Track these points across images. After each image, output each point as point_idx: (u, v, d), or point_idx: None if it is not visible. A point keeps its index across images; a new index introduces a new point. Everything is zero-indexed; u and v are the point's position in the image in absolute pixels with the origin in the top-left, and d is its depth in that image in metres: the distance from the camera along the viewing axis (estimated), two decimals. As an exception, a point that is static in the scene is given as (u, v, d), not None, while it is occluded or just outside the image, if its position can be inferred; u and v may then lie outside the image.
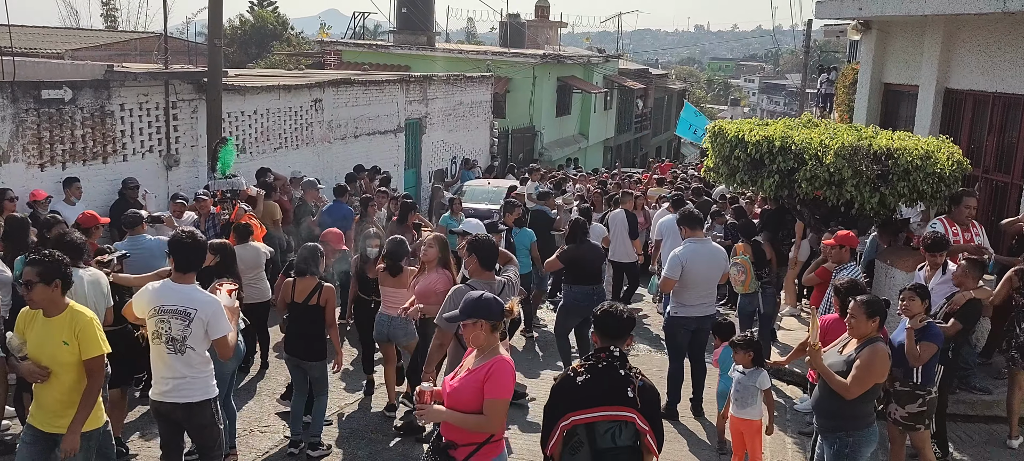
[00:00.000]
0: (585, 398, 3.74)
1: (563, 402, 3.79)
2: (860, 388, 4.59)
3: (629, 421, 3.72)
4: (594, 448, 3.73)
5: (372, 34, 37.23)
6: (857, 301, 4.76)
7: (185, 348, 4.36)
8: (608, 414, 3.72)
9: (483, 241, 5.48)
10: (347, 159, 14.55)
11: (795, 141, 8.08)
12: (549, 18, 33.85)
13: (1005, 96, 8.98)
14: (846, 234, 7.04)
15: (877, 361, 4.61)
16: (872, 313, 4.69)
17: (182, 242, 4.46)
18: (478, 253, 5.39)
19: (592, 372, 3.78)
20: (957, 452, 6.58)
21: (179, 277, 4.44)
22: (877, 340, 4.68)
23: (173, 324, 4.35)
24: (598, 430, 3.73)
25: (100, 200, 9.86)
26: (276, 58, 33.82)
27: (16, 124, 9.01)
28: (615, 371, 3.77)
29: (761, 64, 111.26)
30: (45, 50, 18.70)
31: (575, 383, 3.77)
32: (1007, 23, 8.77)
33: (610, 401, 3.72)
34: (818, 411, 4.93)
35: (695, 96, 67.83)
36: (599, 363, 3.80)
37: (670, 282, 6.89)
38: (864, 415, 4.72)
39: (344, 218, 9.61)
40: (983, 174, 9.26)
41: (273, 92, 13.05)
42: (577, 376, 3.79)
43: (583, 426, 3.73)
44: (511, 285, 5.44)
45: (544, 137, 26.22)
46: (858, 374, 4.58)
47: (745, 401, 5.69)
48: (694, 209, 7.55)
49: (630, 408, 3.72)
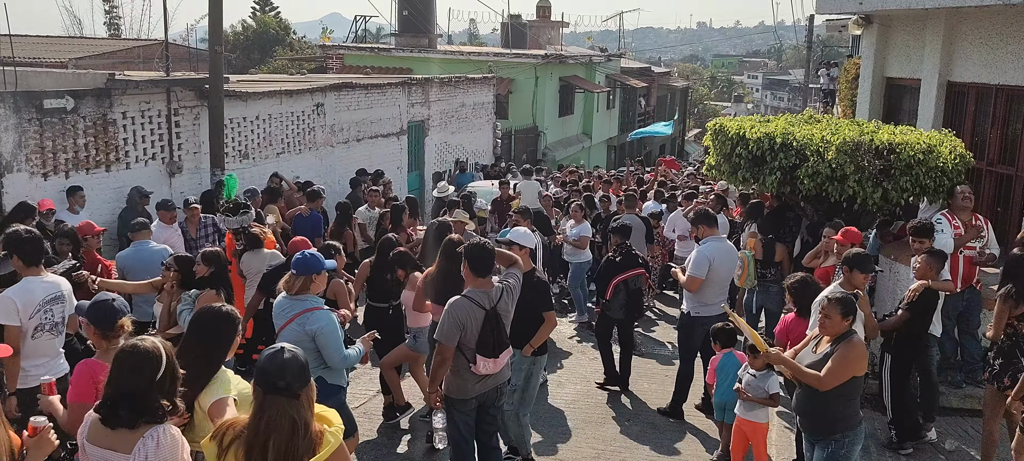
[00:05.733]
0: (623, 267, 7.68)
1: (614, 271, 7.68)
2: (834, 380, 4.53)
3: (641, 274, 7.82)
4: (628, 291, 7.65)
5: (374, 37, 37.28)
6: (831, 300, 4.69)
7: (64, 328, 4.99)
8: (634, 273, 7.68)
9: (476, 247, 5.07)
10: (350, 163, 14.56)
11: (796, 137, 8.06)
12: (550, 18, 33.75)
13: (1008, 88, 8.92)
14: (851, 230, 7.02)
15: (853, 354, 4.56)
16: (846, 312, 4.63)
17: (21, 238, 4.92)
18: (470, 260, 4.97)
19: (621, 255, 7.75)
20: (965, 446, 6.56)
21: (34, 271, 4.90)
22: (852, 334, 4.64)
23: (54, 310, 4.89)
24: (630, 283, 7.66)
25: (105, 209, 9.90)
26: (278, 63, 33.87)
27: (19, 134, 9.04)
28: (631, 253, 7.82)
29: (764, 60, 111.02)
30: (48, 59, 18.78)
31: (616, 262, 7.75)
32: (1009, 15, 8.72)
33: (634, 266, 7.73)
34: (803, 414, 4.85)
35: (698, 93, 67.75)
36: (622, 250, 7.79)
37: (697, 280, 6.80)
38: (850, 415, 4.66)
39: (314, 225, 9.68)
40: (987, 167, 9.21)
41: (275, 97, 13.08)
42: (616, 258, 7.78)
43: (623, 281, 7.61)
44: (510, 290, 5.12)
45: (547, 137, 26.22)
46: (833, 367, 4.54)
47: (754, 404, 5.64)
48: (708, 209, 7.57)
49: (641, 269, 7.82)
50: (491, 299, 4.96)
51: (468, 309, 4.87)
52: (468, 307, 4.87)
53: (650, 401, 7.58)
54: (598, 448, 6.60)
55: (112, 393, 3.04)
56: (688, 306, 7.03)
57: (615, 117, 33.75)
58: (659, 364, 8.79)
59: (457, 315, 4.85)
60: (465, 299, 4.92)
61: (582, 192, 12.97)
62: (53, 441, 3.23)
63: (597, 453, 6.51)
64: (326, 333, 4.77)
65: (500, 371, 5.06)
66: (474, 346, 4.87)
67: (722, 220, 9.84)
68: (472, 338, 4.86)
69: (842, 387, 4.56)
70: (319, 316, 4.81)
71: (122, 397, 3.01)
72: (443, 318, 4.90)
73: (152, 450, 2.95)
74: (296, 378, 2.90)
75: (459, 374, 5.00)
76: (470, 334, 4.86)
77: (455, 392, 5.05)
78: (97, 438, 3.06)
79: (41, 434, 3.20)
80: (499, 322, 4.98)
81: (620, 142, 34.61)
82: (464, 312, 4.86)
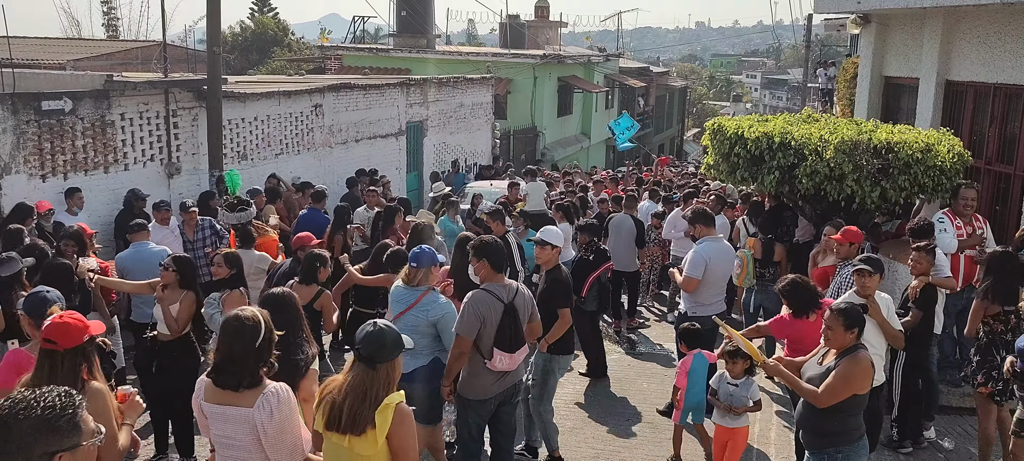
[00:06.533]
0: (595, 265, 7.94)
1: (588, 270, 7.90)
2: (831, 398, 4.31)
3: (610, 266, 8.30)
4: (600, 285, 8.00)
5: (373, 38, 37.26)
6: (834, 311, 4.43)
7: None
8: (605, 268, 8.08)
9: (491, 244, 5.22)
10: (348, 164, 14.56)
11: (794, 137, 8.06)
12: (549, 18, 33.78)
13: (1006, 87, 8.93)
14: (851, 229, 7.01)
15: (856, 371, 4.30)
16: (850, 324, 4.36)
17: None
18: (488, 257, 5.12)
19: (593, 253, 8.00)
20: (963, 445, 6.56)
21: None
22: (859, 349, 4.39)
23: None
24: (601, 278, 8.02)
25: (103, 210, 9.90)
26: (277, 64, 33.87)
27: (17, 136, 9.04)
28: (601, 249, 8.21)
29: (763, 59, 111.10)
30: (47, 61, 18.77)
31: (589, 261, 7.96)
32: (1007, 13, 8.73)
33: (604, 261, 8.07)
34: (803, 427, 4.67)
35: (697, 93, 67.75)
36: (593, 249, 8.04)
37: (693, 281, 6.77)
38: (851, 429, 4.45)
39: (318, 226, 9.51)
40: (985, 166, 9.22)
41: (273, 98, 13.08)
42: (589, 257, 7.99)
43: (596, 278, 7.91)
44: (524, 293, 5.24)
45: (546, 137, 26.21)
46: (833, 383, 4.30)
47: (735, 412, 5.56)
48: (706, 208, 7.53)
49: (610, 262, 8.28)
50: (508, 294, 5.01)
51: (489, 302, 4.91)
52: (488, 300, 4.91)
53: (649, 401, 7.58)
54: (597, 448, 6.60)
55: (220, 358, 3.45)
56: (686, 306, 7.02)
57: (613, 117, 33.71)
58: (659, 365, 8.79)
59: (478, 308, 4.88)
60: (484, 292, 4.96)
61: (576, 193, 12.97)
62: (141, 404, 3.63)
63: (596, 453, 6.51)
64: (445, 319, 5.17)
65: (516, 369, 5.10)
66: (492, 340, 4.89)
67: (721, 220, 9.84)
68: (491, 332, 4.89)
69: (842, 403, 4.33)
70: (439, 304, 5.21)
71: (229, 361, 3.41)
72: (463, 310, 4.93)
73: (275, 405, 3.38)
74: (376, 352, 3.31)
75: (477, 374, 5.00)
76: (489, 327, 4.89)
77: (473, 393, 5.05)
78: (214, 398, 3.46)
79: (131, 399, 3.60)
80: (516, 317, 5.03)
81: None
82: (485, 305, 4.89)
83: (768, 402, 7.35)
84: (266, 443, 3.38)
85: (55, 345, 3.40)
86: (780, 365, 4.77)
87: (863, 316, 4.52)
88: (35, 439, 1.97)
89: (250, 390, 3.40)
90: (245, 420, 3.39)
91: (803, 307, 5.64)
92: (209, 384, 3.47)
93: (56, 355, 3.40)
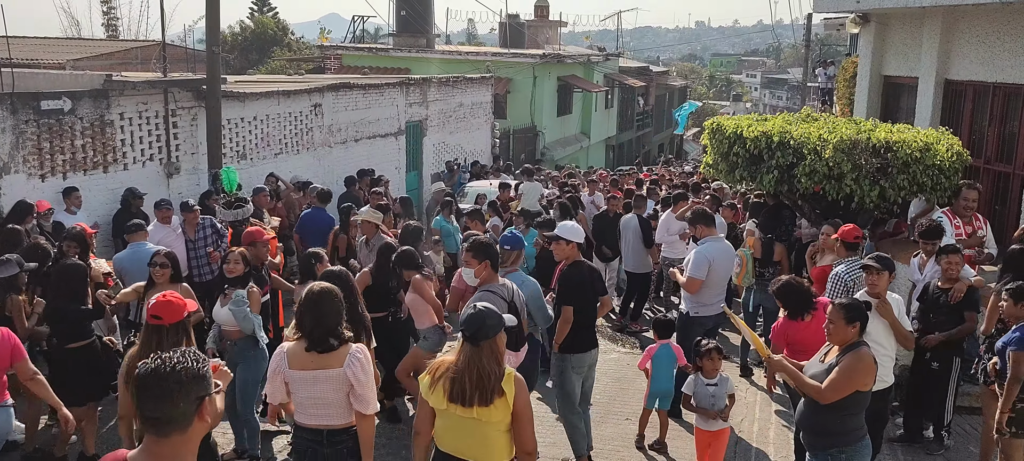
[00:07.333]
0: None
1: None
2: (835, 394, 4.28)
3: None
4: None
5: (372, 38, 37.25)
6: (835, 306, 4.44)
7: None
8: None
9: (492, 246, 5.28)
10: (348, 163, 14.55)
11: (794, 136, 8.07)
12: (548, 18, 33.78)
13: (1005, 86, 8.94)
14: (851, 228, 7.00)
15: (859, 367, 4.28)
16: (851, 318, 4.35)
17: None
18: (491, 257, 5.23)
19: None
20: (963, 443, 6.56)
21: None
22: (861, 345, 4.37)
23: None
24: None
25: (102, 210, 9.89)
26: (276, 64, 33.86)
27: (16, 135, 9.03)
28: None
29: (763, 59, 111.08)
30: (46, 61, 18.76)
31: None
32: (1006, 13, 8.73)
33: None
34: (805, 427, 4.64)
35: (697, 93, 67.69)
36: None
37: (697, 282, 6.71)
38: (852, 429, 4.41)
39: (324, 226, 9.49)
40: (985, 165, 9.23)
41: (272, 97, 13.07)
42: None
43: None
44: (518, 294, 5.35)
45: (546, 137, 26.21)
46: (836, 378, 4.28)
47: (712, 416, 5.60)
48: (706, 208, 7.51)
49: None
50: (508, 293, 5.08)
51: (494, 301, 4.90)
52: (493, 299, 4.92)
53: (648, 400, 7.57)
54: (597, 447, 6.58)
55: (311, 325, 3.93)
56: (687, 306, 6.99)
57: (613, 116, 33.75)
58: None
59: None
60: (487, 292, 5.02)
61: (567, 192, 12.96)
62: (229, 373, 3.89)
63: (595, 453, 6.50)
64: (535, 297, 5.58)
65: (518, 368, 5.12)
66: None
67: (720, 220, 9.83)
68: None
69: (844, 401, 4.30)
70: (529, 284, 5.61)
71: (319, 327, 3.92)
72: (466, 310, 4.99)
73: (362, 360, 3.94)
74: (479, 332, 3.60)
75: None
76: None
77: None
78: (302, 365, 3.94)
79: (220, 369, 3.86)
80: (519, 315, 5.07)
81: (619, 141, 34.63)
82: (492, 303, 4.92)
83: (768, 402, 7.35)
84: (356, 394, 3.91)
85: (161, 320, 3.93)
86: (784, 361, 4.76)
87: (865, 311, 4.48)
88: (191, 384, 2.32)
89: (336, 352, 3.90)
90: (337, 378, 3.90)
91: (797, 308, 5.61)
92: (295, 354, 3.94)
93: (162, 329, 3.93)
